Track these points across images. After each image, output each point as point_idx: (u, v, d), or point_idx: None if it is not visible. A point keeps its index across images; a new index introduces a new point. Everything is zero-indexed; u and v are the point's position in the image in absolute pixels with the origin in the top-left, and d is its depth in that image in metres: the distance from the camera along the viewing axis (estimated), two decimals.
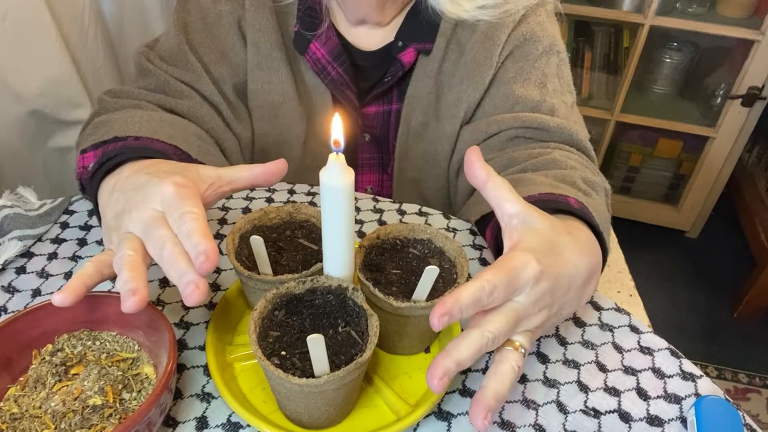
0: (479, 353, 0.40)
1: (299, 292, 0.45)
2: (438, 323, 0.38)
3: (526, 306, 0.42)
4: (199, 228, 0.42)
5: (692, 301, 1.84)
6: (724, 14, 1.74)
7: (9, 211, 0.61)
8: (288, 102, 0.75)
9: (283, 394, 0.42)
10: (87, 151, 0.58)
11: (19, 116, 0.91)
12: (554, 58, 0.73)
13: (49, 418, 0.41)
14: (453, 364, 0.39)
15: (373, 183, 0.84)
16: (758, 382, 1.63)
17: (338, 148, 0.40)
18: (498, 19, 0.69)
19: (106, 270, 0.45)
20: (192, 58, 0.71)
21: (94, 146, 0.58)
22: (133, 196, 0.46)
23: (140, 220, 0.44)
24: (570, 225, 0.50)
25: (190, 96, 0.70)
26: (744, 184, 2.07)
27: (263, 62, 0.73)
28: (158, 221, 0.44)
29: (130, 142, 0.56)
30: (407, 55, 0.72)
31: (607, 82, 1.95)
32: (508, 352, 0.42)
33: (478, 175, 0.46)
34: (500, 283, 0.40)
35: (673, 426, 0.48)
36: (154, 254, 0.43)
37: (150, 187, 0.46)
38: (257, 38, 0.71)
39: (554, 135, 0.68)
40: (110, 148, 0.56)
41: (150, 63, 0.71)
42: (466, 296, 0.39)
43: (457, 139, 0.75)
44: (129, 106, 0.66)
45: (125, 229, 0.45)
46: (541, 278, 0.42)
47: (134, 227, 0.45)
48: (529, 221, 0.45)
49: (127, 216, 0.46)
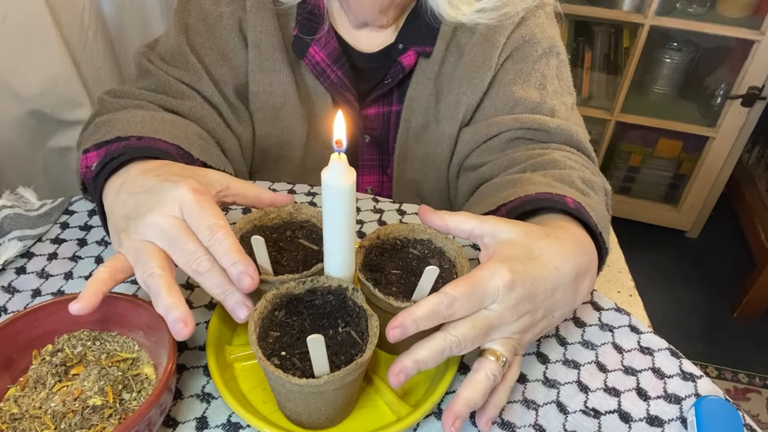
0: (440, 355, 0.42)
1: (299, 292, 0.45)
2: (391, 336, 0.40)
3: (501, 313, 0.43)
4: (234, 245, 0.43)
5: (692, 301, 1.84)
6: (724, 14, 1.74)
7: (9, 212, 0.61)
8: (289, 104, 0.74)
9: (283, 395, 0.42)
10: (90, 151, 0.58)
11: (19, 116, 0.91)
12: (554, 60, 0.73)
13: (49, 419, 0.41)
14: (410, 362, 0.41)
15: (373, 184, 0.84)
16: (758, 382, 1.63)
17: (340, 148, 0.40)
18: (497, 22, 0.69)
19: (119, 275, 0.45)
20: (193, 59, 0.70)
21: (96, 146, 0.58)
22: (145, 200, 0.45)
23: (159, 228, 0.44)
24: (556, 226, 0.50)
25: (191, 97, 0.70)
26: (744, 184, 2.06)
27: (264, 64, 0.72)
28: (183, 231, 0.43)
29: (133, 142, 0.56)
30: (408, 57, 0.72)
31: (607, 82, 1.95)
32: (485, 361, 0.43)
33: (439, 224, 0.49)
34: (461, 295, 0.41)
35: (673, 426, 0.48)
36: (188, 269, 0.43)
37: (164, 191, 0.45)
38: (258, 40, 0.71)
39: (554, 136, 0.68)
40: (113, 147, 0.56)
41: (150, 63, 0.71)
42: (421, 310, 0.41)
43: (456, 140, 0.75)
44: (130, 107, 0.66)
45: (141, 235, 0.44)
46: (515, 285, 0.43)
47: (153, 235, 0.44)
48: (499, 234, 0.46)
49: (141, 221, 0.44)
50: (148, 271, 0.42)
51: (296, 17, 0.71)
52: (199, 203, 0.44)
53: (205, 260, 0.43)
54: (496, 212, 0.58)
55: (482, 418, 0.45)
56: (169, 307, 0.41)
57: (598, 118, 1.88)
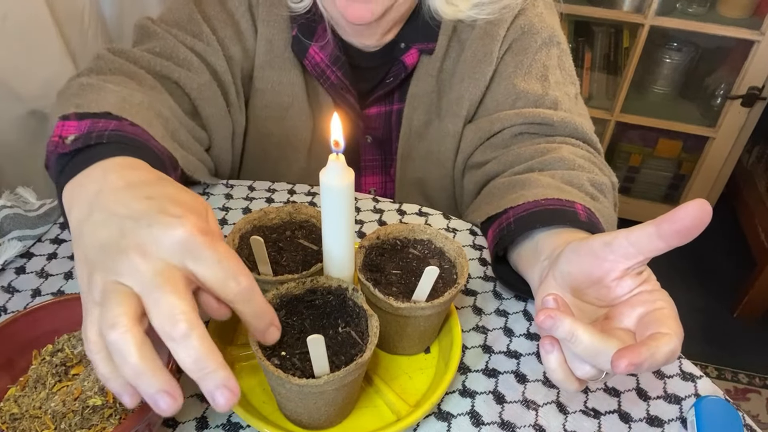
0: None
1: (299, 292, 0.45)
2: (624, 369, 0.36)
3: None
4: (269, 309, 0.37)
5: (692, 301, 1.84)
6: (724, 14, 1.74)
7: (9, 212, 0.60)
8: (297, 104, 0.73)
9: (283, 395, 0.42)
10: (69, 119, 0.49)
11: (19, 116, 0.91)
12: (554, 50, 0.72)
13: (49, 419, 0.41)
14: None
15: (376, 185, 0.83)
16: (758, 382, 1.63)
17: (338, 148, 0.40)
18: (497, 15, 0.68)
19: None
20: (206, 29, 0.66)
21: (78, 116, 0.49)
22: (132, 229, 0.34)
23: (142, 273, 0.33)
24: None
25: (199, 71, 0.65)
26: (744, 184, 2.06)
27: (275, 61, 0.71)
28: (171, 283, 0.33)
29: (126, 127, 0.48)
30: (410, 56, 0.71)
31: (607, 82, 1.95)
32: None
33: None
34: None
35: (672, 426, 0.48)
36: (164, 333, 0.32)
37: (161, 228, 0.34)
38: (271, 35, 0.69)
39: (559, 129, 0.67)
40: (100, 125, 0.47)
41: (157, 26, 0.65)
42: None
43: (460, 138, 0.74)
44: (125, 72, 0.60)
45: (115, 275, 0.33)
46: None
47: (133, 281, 0.33)
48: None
49: (127, 261, 0.33)
50: (121, 335, 0.31)
51: (298, 19, 0.70)
52: (226, 255, 0.35)
53: (197, 338, 0.32)
54: (502, 214, 0.57)
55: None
56: (159, 393, 0.32)
57: (598, 118, 1.88)
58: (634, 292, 0.41)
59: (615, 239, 0.40)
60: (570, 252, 0.43)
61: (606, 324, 0.41)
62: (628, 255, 0.40)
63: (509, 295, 0.58)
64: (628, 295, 0.41)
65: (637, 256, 0.39)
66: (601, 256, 0.41)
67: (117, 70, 0.61)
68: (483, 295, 0.58)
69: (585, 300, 0.43)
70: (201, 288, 0.35)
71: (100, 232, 0.35)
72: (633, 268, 0.40)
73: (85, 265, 0.36)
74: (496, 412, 0.47)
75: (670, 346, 0.37)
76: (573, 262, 0.43)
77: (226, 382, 0.32)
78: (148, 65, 0.63)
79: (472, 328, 0.54)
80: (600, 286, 0.42)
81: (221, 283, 0.34)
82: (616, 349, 0.36)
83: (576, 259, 0.42)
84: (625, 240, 0.39)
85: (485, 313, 0.56)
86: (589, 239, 0.42)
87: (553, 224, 0.51)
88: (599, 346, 0.37)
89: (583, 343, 0.37)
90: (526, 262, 0.52)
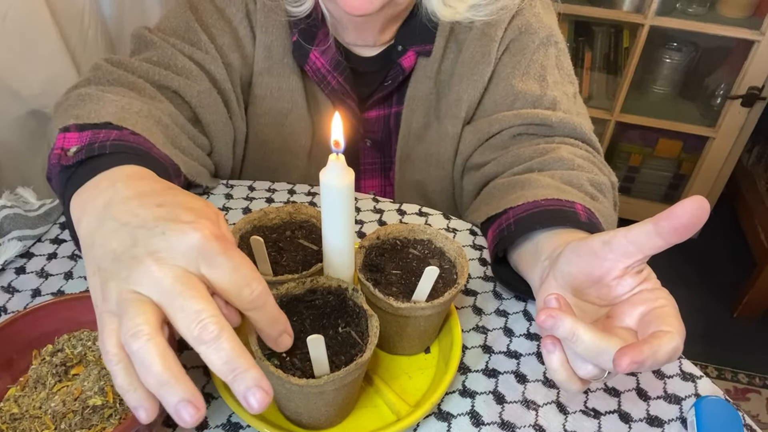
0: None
1: (299, 292, 0.45)
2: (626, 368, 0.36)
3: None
4: (282, 316, 0.37)
5: (692, 301, 1.84)
6: (724, 14, 1.74)
7: (9, 212, 0.60)
8: (296, 110, 0.73)
9: (283, 395, 0.42)
10: (70, 131, 0.49)
11: (19, 116, 0.91)
12: (552, 49, 0.72)
13: (49, 419, 0.41)
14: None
15: (375, 188, 0.83)
16: (758, 382, 1.63)
17: (338, 148, 0.40)
18: (494, 16, 0.68)
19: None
20: (204, 37, 0.66)
21: (79, 127, 0.49)
22: (145, 237, 0.34)
23: (160, 281, 0.33)
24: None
25: (198, 78, 0.65)
26: (744, 184, 2.06)
27: (274, 67, 0.71)
28: (192, 287, 0.33)
29: (127, 136, 0.48)
30: (407, 59, 0.71)
31: (607, 82, 1.95)
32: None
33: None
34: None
35: (673, 426, 0.48)
36: (193, 338, 0.32)
37: (176, 234, 0.34)
38: (270, 42, 0.69)
39: (557, 129, 0.67)
40: (101, 135, 0.47)
41: (154, 35, 0.65)
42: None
43: (459, 139, 0.74)
44: (123, 83, 0.60)
45: (131, 284, 0.33)
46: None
47: (151, 289, 0.33)
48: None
49: (143, 269, 0.33)
50: (143, 345, 0.31)
51: (299, 24, 0.69)
52: (238, 263, 0.34)
53: (227, 340, 0.32)
54: (503, 215, 0.57)
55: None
56: (182, 401, 0.31)
57: (598, 118, 1.88)
58: (634, 290, 0.41)
59: (614, 238, 0.40)
60: (570, 252, 0.43)
61: (607, 323, 0.41)
62: (627, 253, 0.40)
63: (509, 296, 0.58)
64: (629, 294, 0.41)
65: (636, 254, 0.39)
66: (600, 256, 0.41)
67: (115, 80, 0.60)
68: (483, 295, 0.58)
69: (586, 300, 0.43)
70: (213, 293, 0.35)
71: (112, 242, 0.35)
72: (633, 266, 0.40)
73: (97, 276, 0.35)
74: (496, 412, 0.47)
75: (672, 344, 0.37)
76: (573, 262, 0.43)
77: (259, 381, 0.32)
78: (147, 75, 0.63)
79: (472, 328, 0.54)
80: (601, 286, 0.42)
81: (236, 290, 0.34)
82: (617, 347, 0.36)
83: (576, 259, 0.42)
84: (624, 238, 0.39)
85: (485, 313, 0.56)
86: (588, 239, 0.42)
87: (554, 225, 0.51)
88: (601, 345, 0.37)
89: (585, 342, 0.38)
90: (526, 262, 0.52)
